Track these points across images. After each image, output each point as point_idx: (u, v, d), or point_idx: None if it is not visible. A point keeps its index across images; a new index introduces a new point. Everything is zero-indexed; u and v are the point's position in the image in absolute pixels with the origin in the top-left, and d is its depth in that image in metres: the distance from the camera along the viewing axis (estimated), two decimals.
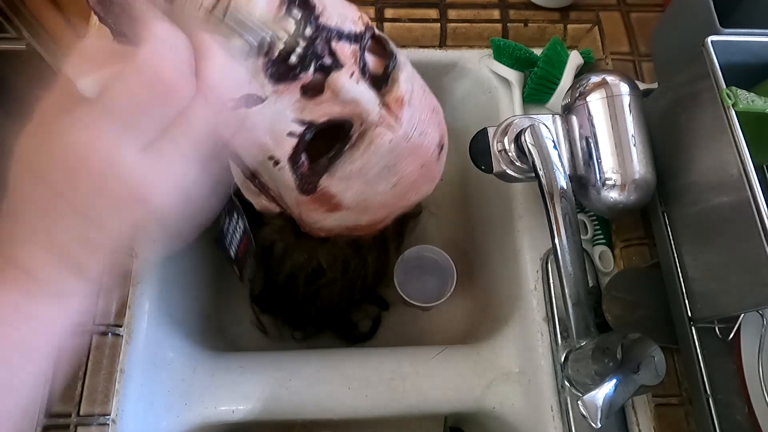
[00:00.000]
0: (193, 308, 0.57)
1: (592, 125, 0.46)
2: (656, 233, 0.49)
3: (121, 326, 0.46)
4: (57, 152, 0.24)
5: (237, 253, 0.56)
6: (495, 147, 0.47)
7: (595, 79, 0.46)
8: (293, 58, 0.34)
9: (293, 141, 0.37)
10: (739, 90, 0.39)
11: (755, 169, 0.37)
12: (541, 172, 0.42)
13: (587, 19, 0.61)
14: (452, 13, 0.61)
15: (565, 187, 0.42)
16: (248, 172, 0.42)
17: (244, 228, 0.52)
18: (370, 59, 0.38)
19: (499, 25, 0.61)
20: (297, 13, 0.34)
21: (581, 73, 0.57)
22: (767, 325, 0.42)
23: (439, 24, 0.61)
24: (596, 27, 0.60)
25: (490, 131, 0.47)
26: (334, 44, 0.36)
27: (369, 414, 0.50)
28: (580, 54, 0.57)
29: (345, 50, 0.36)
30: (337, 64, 0.36)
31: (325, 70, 0.36)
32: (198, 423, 0.48)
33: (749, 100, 0.39)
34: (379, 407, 0.50)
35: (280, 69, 0.34)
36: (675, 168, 0.46)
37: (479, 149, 0.47)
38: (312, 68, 0.35)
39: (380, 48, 0.39)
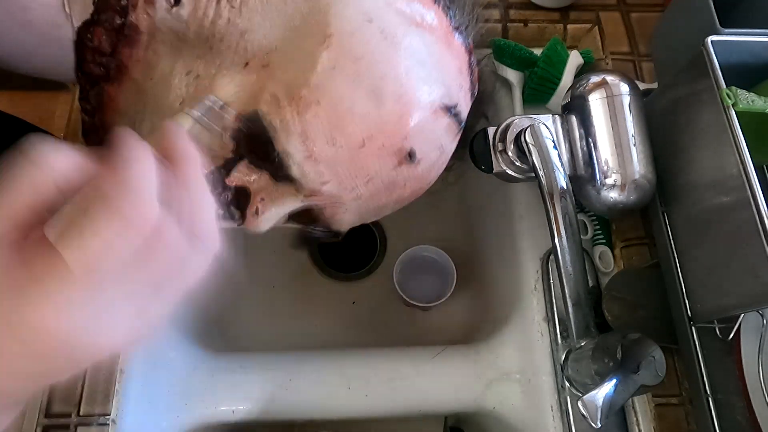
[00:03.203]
0: (193, 308, 0.57)
1: (592, 125, 0.46)
2: (656, 233, 0.49)
3: None
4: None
5: None
6: (495, 147, 0.47)
7: (595, 79, 0.46)
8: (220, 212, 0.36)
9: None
10: (739, 90, 0.39)
11: (755, 169, 0.37)
12: (541, 172, 0.42)
13: (587, 19, 0.61)
14: None
15: (565, 187, 0.42)
16: None
17: None
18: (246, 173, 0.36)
19: (499, 25, 0.61)
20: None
21: (581, 73, 0.57)
22: (767, 325, 0.42)
23: None
24: (596, 27, 0.60)
25: (490, 131, 0.47)
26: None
27: (369, 414, 0.50)
28: (580, 54, 0.57)
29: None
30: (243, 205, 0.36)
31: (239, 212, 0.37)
32: (198, 423, 0.48)
33: (749, 100, 0.39)
34: (379, 407, 0.50)
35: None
36: (675, 168, 0.46)
37: (479, 149, 0.47)
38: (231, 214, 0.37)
39: (262, 145, 0.35)
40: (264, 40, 0.34)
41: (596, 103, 0.46)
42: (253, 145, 0.34)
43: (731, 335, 0.43)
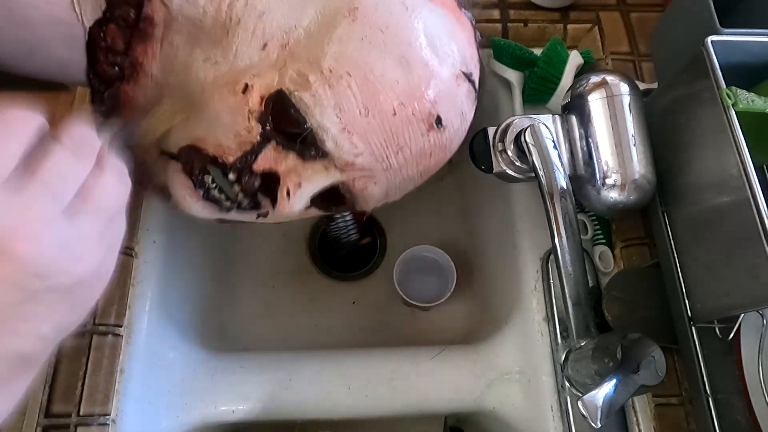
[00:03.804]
0: (193, 308, 0.57)
1: (592, 125, 0.46)
2: (656, 233, 0.49)
3: (121, 326, 0.46)
4: None
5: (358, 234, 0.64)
6: (495, 147, 0.47)
7: (595, 79, 0.46)
8: (244, 203, 0.37)
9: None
10: (739, 90, 0.39)
11: (755, 169, 0.37)
12: (541, 172, 0.42)
13: (587, 19, 0.61)
14: None
15: (565, 187, 0.42)
16: None
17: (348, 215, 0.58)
18: (280, 149, 0.36)
19: (499, 25, 0.61)
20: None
21: (581, 73, 0.57)
22: (767, 325, 0.42)
23: None
24: (596, 27, 0.60)
25: (490, 131, 0.47)
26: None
27: (369, 414, 0.50)
28: (580, 54, 0.56)
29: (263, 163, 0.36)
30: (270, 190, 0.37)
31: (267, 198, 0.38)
32: (198, 423, 0.48)
33: (749, 100, 0.39)
34: (379, 407, 0.50)
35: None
36: (675, 168, 0.46)
37: (479, 149, 0.47)
38: (253, 203, 0.38)
39: (291, 123, 0.35)
40: (282, 20, 0.35)
41: (596, 103, 0.46)
42: (281, 125, 0.35)
43: (731, 335, 0.43)
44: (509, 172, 0.46)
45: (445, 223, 0.72)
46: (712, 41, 0.41)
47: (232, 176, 0.36)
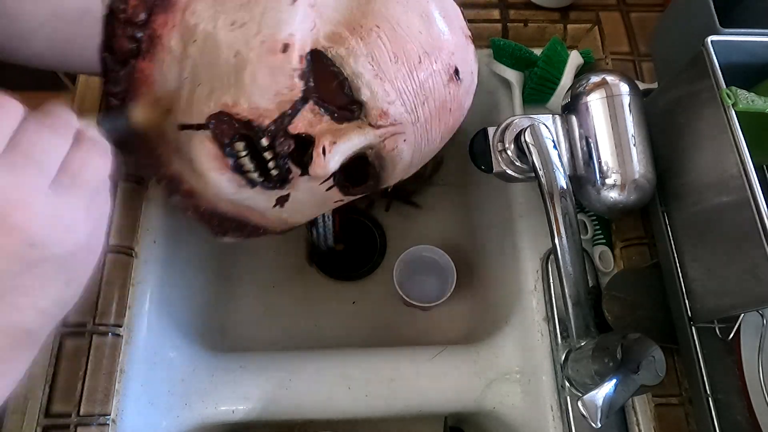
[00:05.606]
0: (193, 308, 0.57)
1: (592, 125, 0.46)
2: (656, 233, 0.49)
3: (121, 326, 0.46)
4: None
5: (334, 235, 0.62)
6: (495, 147, 0.47)
7: (595, 79, 0.46)
8: (274, 172, 0.38)
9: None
10: (739, 90, 0.39)
11: (755, 169, 0.37)
12: (541, 172, 0.42)
13: (587, 19, 0.61)
14: None
15: (565, 187, 0.42)
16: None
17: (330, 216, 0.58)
18: (323, 107, 0.37)
19: (499, 25, 0.61)
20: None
21: (581, 73, 0.57)
22: (767, 325, 0.42)
23: None
24: (596, 27, 0.60)
25: (490, 131, 0.47)
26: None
27: (369, 414, 0.50)
28: (580, 54, 0.57)
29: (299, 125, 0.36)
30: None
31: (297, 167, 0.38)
32: (198, 423, 0.48)
33: (749, 100, 0.39)
34: (379, 407, 0.50)
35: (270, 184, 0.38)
36: (675, 168, 0.46)
37: (479, 149, 0.47)
38: (285, 172, 0.38)
39: (328, 79, 0.37)
40: None
41: (596, 103, 0.46)
42: (320, 80, 0.36)
43: (731, 335, 0.43)
44: (509, 172, 0.46)
45: (445, 223, 0.72)
46: (712, 41, 0.41)
47: (264, 141, 0.36)
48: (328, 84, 0.36)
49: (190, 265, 0.58)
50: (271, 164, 0.38)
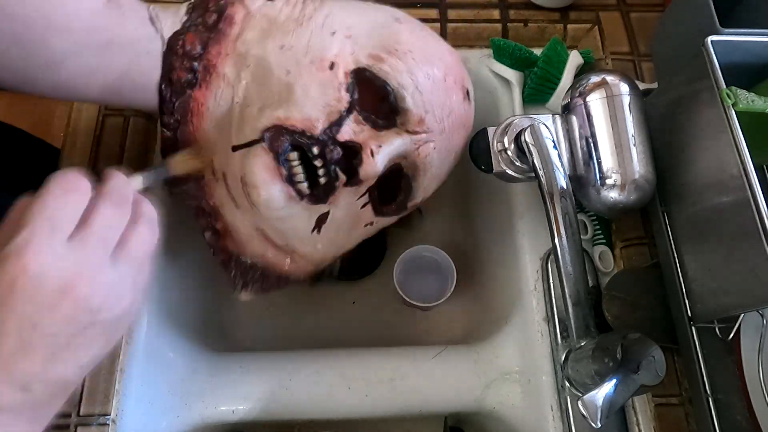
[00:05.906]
0: (193, 308, 0.57)
1: (592, 125, 0.46)
2: (656, 233, 0.49)
3: None
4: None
5: None
6: (495, 147, 0.47)
7: (595, 79, 0.46)
8: (323, 180, 0.41)
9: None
10: (739, 90, 0.39)
11: (755, 169, 0.37)
12: (541, 172, 0.42)
13: (587, 19, 0.61)
14: (452, 13, 0.61)
15: (565, 187, 0.42)
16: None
17: None
18: (364, 116, 0.42)
19: (499, 25, 0.61)
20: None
21: (581, 73, 0.57)
22: (767, 325, 0.42)
23: (439, 24, 0.61)
24: (596, 27, 0.60)
25: (490, 131, 0.47)
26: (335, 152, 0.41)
27: (369, 414, 0.50)
28: (580, 54, 0.57)
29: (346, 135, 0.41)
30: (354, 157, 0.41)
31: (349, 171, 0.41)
32: (198, 423, 0.48)
33: (749, 100, 0.39)
34: (379, 407, 0.50)
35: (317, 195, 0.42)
36: (675, 168, 0.46)
37: (479, 149, 0.47)
38: (334, 177, 0.41)
39: (371, 90, 0.42)
40: (347, 19, 0.43)
41: (596, 103, 0.46)
42: (363, 93, 0.42)
43: (731, 335, 0.43)
44: (509, 172, 0.46)
45: (445, 223, 0.72)
46: (712, 41, 0.41)
47: (315, 149, 0.40)
48: (371, 96, 0.42)
49: (191, 265, 0.58)
50: (321, 171, 0.41)
